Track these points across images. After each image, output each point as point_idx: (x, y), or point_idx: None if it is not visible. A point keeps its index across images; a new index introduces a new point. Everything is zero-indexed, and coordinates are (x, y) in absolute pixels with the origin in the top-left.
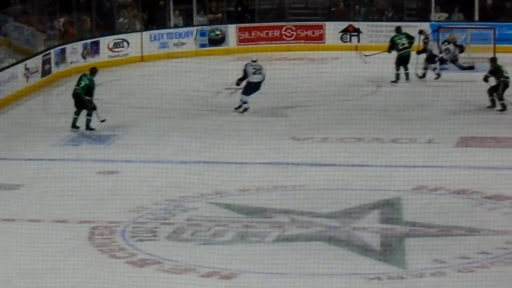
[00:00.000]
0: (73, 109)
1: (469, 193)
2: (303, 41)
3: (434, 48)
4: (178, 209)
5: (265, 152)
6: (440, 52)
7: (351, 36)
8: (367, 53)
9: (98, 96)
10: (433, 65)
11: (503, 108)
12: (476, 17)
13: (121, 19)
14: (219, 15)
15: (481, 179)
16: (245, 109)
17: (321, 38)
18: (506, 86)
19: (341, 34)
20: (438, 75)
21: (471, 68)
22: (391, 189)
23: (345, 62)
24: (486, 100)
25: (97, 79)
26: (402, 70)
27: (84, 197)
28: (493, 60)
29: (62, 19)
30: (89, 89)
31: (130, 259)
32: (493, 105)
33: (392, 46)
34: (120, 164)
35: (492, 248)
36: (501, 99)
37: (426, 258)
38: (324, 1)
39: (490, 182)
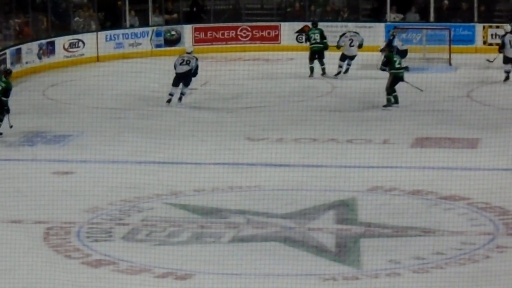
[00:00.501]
0: (28, 109)
1: (424, 194)
2: (258, 42)
3: None
4: (133, 209)
5: (220, 152)
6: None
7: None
8: None
9: (54, 96)
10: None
11: (387, 103)
12: (432, 18)
13: (76, 19)
14: (175, 15)
15: (436, 179)
16: (168, 100)
17: (276, 38)
18: (396, 78)
19: (296, 34)
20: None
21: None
22: (346, 189)
23: (301, 63)
24: (441, 100)
25: (52, 79)
26: (317, 65)
27: (39, 197)
28: (382, 50)
29: (17, 19)
30: (7, 91)
31: (85, 260)
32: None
33: (307, 39)
34: (75, 165)
35: (447, 248)
36: (388, 93)
37: (381, 259)
38: (279, 2)
39: (445, 183)
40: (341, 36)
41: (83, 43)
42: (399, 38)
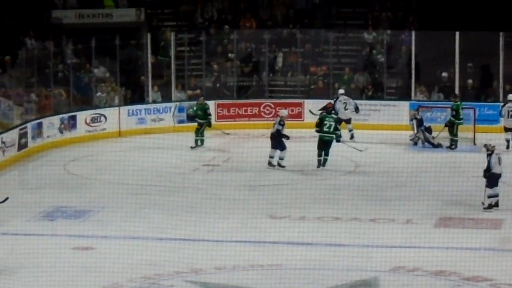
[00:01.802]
0: (49, 183)
1: (447, 274)
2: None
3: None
4: (153, 287)
5: (242, 230)
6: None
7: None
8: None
9: (75, 171)
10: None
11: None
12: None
13: (98, 93)
14: (198, 91)
15: (460, 260)
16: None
17: (300, 116)
18: (323, 142)
19: (320, 112)
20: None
21: (438, 146)
22: (368, 269)
23: None
24: (465, 180)
25: (74, 153)
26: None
27: (59, 273)
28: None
29: (39, 93)
30: None
31: None
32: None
33: (319, 124)
34: (95, 240)
35: None
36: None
37: None
38: (303, 79)
39: (468, 264)
40: (334, 101)
41: (105, 117)
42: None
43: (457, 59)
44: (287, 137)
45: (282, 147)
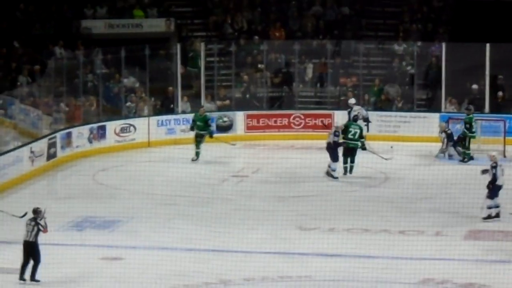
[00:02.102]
0: (78, 193)
1: (477, 287)
2: (311, 130)
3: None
4: None
5: (271, 241)
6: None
7: None
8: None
9: (104, 181)
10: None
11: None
12: (487, 109)
13: (128, 103)
14: (227, 101)
15: (489, 272)
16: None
17: (330, 127)
18: (348, 149)
19: None
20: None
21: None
22: (397, 281)
23: None
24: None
25: (103, 163)
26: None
27: (87, 283)
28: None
29: (68, 103)
30: None
31: None
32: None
33: (344, 131)
34: (124, 251)
35: None
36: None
37: None
38: (333, 90)
39: (498, 276)
40: (349, 112)
41: (135, 128)
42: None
43: (488, 71)
44: (344, 143)
45: (335, 159)
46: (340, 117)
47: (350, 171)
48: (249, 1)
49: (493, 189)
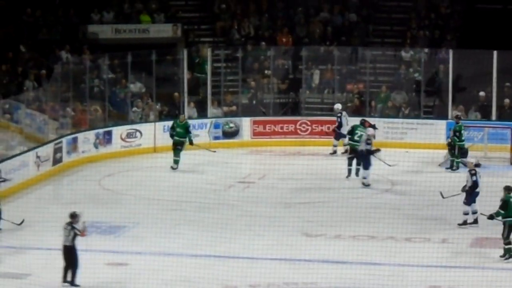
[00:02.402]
0: (84, 198)
1: None
2: (318, 136)
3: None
4: None
5: (276, 247)
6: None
7: None
8: None
9: (110, 186)
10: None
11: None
12: (493, 117)
13: (134, 109)
14: (234, 107)
15: (495, 280)
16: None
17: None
18: (353, 151)
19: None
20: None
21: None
22: None
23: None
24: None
25: (109, 168)
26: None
27: None
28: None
29: (74, 108)
30: None
31: None
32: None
33: (350, 133)
34: (129, 256)
35: None
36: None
37: None
38: (340, 97)
39: (504, 284)
40: (339, 117)
41: (141, 133)
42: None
43: (495, 78)
44: (378, 150)
45: (366, 166)
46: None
47: (356, 174)
48: (256, 7)
49: (472, 195)
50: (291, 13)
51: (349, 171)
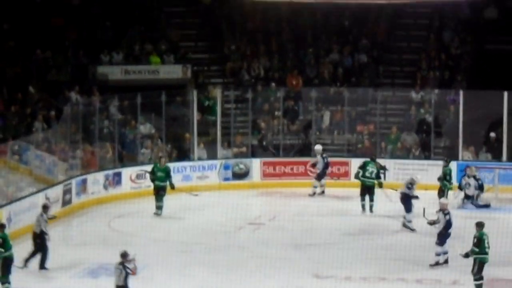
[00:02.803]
0: (93, 240)
1: None
2: (328, 178)
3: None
4: None
5: None
6: (461, 188)
7: None
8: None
9: (119, 228)
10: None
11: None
12: (504, 157)
13: (143, 150)
14: (244, 148)
15: None
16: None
17: (346, 175)
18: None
19: None
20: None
21: (487, 206)
22: None
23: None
24: (510, 240)
25: (118, 210)
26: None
27: None
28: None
29: (84, 149)
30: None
31: None
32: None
33: (362, 167)
34: None
35: None
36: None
37: None
38: (350, 138)
39: None
40: (324, 158)
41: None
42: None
43: (505, 119)
44: (417, 197)
45: (408, 210)
46: (356, 164)
47: (370, 210)
48: (266, 48)
49: (444, 236)
50: (301, 54)
51: (363, 206)
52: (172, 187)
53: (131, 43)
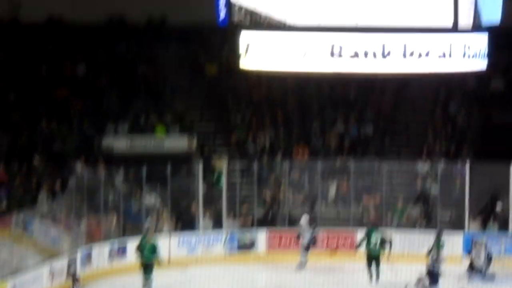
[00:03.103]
0: None
1: None
2: (334, 249)
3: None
4: None
5: None
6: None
7: None
8: None
9: None
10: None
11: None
12: (511, 229)
13: (148, 221)
14: (249, 219)
15: None
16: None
17: (352, 246)
18: (370, 257)
19: None
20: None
21: (492, 278)
22: None
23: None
24: None
25: (123, 283)
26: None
27: None
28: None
29: (89, 220)
30: None
31: None
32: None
33: (367, 236)
34: None
35: None
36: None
37: None
38: (355, 210)
39: None
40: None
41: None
42: None
43: None
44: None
45: (433, 282)
46: (362, 236)
47: (377, 278)
48: (272, 119)
49: None
50: (307, 125)
51: (370, 275)
52: (159, 263)
53: (137, 114)
